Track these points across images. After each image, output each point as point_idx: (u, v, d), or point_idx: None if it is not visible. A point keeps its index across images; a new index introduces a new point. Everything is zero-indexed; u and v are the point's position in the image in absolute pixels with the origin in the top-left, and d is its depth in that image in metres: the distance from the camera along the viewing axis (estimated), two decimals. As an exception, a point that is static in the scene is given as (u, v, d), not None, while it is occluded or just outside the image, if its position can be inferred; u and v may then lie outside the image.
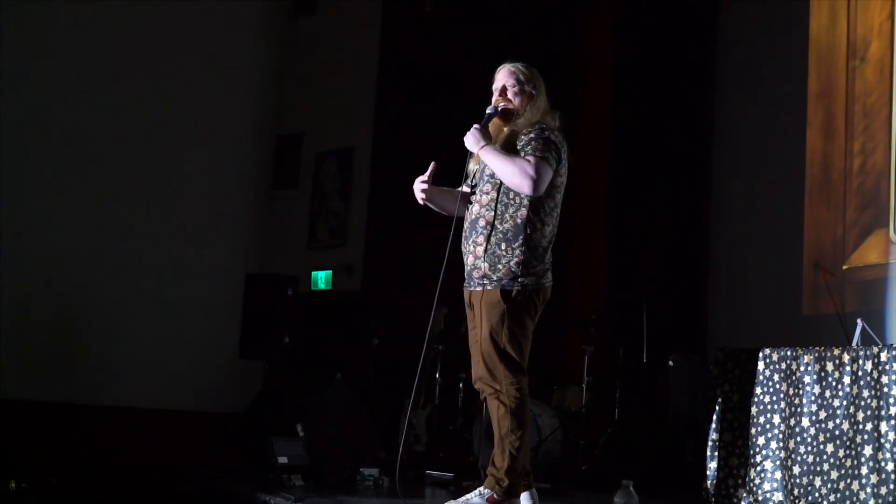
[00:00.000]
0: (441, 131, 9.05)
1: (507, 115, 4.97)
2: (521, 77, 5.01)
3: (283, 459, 6.13)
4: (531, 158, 4.73)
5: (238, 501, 5.64)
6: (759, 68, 8.60)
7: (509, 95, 4.99)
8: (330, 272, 9.85)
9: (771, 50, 8.53)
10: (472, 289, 4.90)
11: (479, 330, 4.85)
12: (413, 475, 6.72)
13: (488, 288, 4.79)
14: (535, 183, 4.71)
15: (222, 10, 10.15)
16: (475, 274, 4.85)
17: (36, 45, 8.94)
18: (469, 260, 4.89)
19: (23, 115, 8.80)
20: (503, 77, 5.04)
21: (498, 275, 4.78)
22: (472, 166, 5.07)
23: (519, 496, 4.83)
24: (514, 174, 4.71)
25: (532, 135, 4.83)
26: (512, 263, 4.77)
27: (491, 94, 5.09)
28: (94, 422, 8.45)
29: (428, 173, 5.03)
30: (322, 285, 9.88)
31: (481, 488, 4.79)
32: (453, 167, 5.12)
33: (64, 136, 9.07)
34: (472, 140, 4.87)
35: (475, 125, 4.90)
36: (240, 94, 10.35)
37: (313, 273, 9.90)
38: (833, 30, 8.03)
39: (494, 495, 4.75)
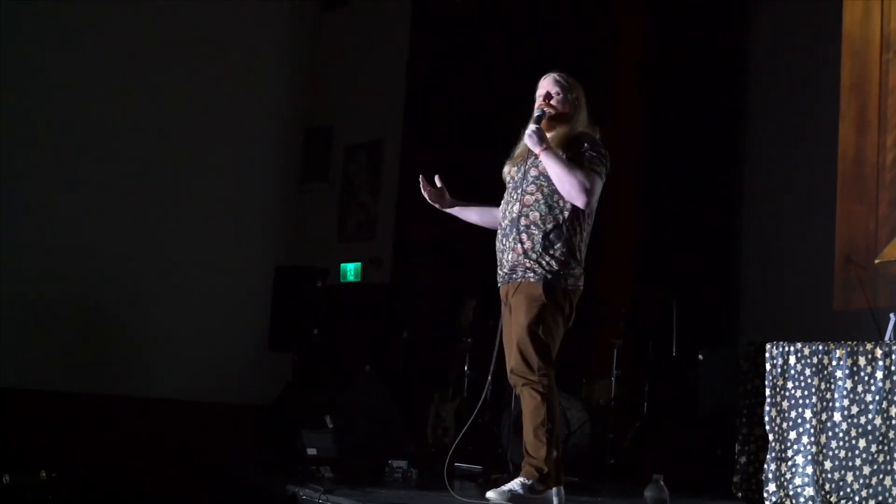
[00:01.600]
0: (470, 125, 9.10)
1: (554, 119, 5.03)
2: (565, 85, 5.09)
3: (311, 451, 6.15)
4: (589, 172, 4.84)
5: (267, 493, 5.66)
6: (791, 61, 8.54)
7: (554, 102, 5.06)
8: (359, 264, 9.86)
9: (804, 43, 8.47)
10: (510, 281, 4.93)
11: (517, 322, 4.88)
12: (441, 467, 6.71)
13: (531, 280, 4.84)
14: (589, 198, 4.84)
15: (252, 4, 10.20)
16: (518, 270, 4.89)
17: (70, 42, 9.02)
18: (509, 256, 4.93)
19: (56, 111, 8.88)
20: (547, 84, 5.11)
21: (541, 270, 4.83)
22: (507, 170, 5.13)
23: (557, 484, 4.84)
24: (573, 185, 4.81)
25: (586, 145, 4.92)
26: (553, 263, 4.83)
27: (531, 100, 5.14)
28: (125, 413, 8.50)
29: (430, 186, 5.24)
30: (351, 277, 9.90)
31: (521, 478, 4.81)
32: (480, 159, 5.13)
33: (96, 131, 9.14)
34: (533, 140, 4.89)
35: (533, 125, 4.93)
36: (269, 88, 10.39)
37: (342, 265, 9.92)
38: (867, 23, 7.96)
39: (535, 484, 4.77)
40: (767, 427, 5.53)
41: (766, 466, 5.50)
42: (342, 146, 10.38)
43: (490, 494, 4.84)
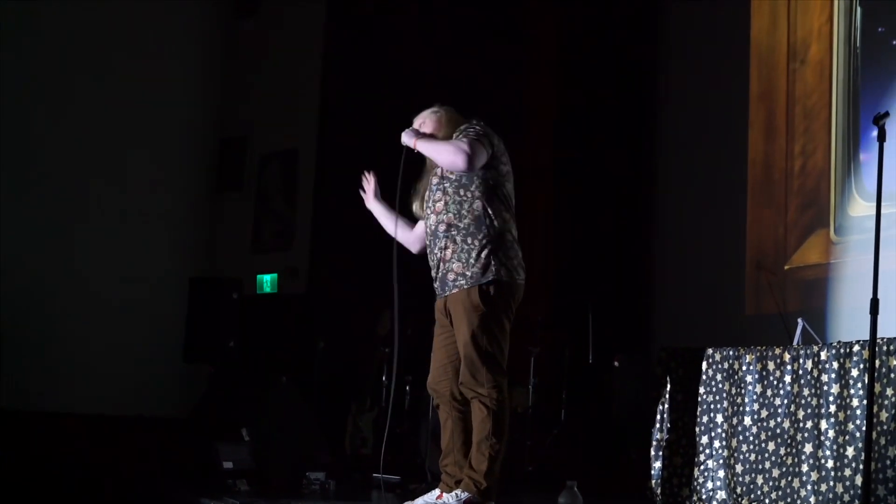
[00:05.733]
0: (385, 133, 9.08)
1: (428, 136, 5.06)
2: (425, 113, 5.15)
3: (228, 464, 6.09)
4: (464, 139, 4.84)
5: (182, 507, 5.60)
6: (700, 70, 8.68)
7: (424, 129, 5.08)
8: (275, 275, 9.79)
9: (713, 52, 8.61)
10: (447, 293, 4.90)
11: (460, 334, 4.85)
12: (359, 478, 6.70)
13: (465, 287, 4.81)
14: (470, 158, 4.78)
15: (163, 12, 10.07)
16: (449, 277, 4.86)
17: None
18: (440, 266, 4.91)
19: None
20: (415, 123, 5.16)
21: (472, 270, 4.80)
22: (416, 206, 5.17)
23: (494, 499, 4.84)
24: (449, 152, 4.81)
25: (463, 129, 4.94)
26: (483, 255, 4.79)
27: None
28: (36, 428, 8.34)
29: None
30: (267, 288, 9.83)
31: (458, 491, 4.80)
32: (396, 169, 5.13)
33: (4, 140, 8.97)
34: (406, 136, 4.99)
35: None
36: (182, 97, 10.27)
37: (259, 276, 9.84)
38: (774, 32, 8.12)
39: (471, 497, 4.76)
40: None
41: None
42: (256, 155, 10.30)
43: None
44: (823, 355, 5.00)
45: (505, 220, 4.90)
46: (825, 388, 4.95)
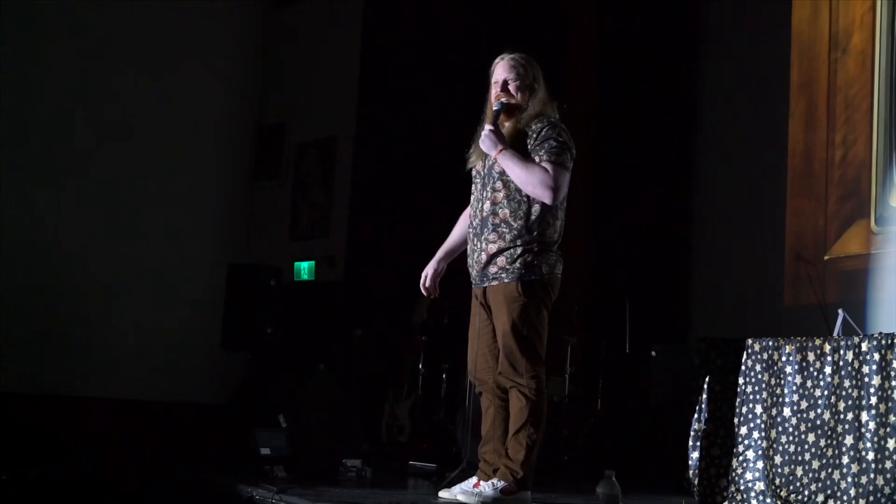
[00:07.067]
0: (424, 121, 9.10)
1: (510, 109, 4.95)
2: (521, 70, 4.99)
3: (265, 451, 6.11)
4: (549, 167, 4.75)
5: (220, 493, 5.62)
6: (741, 60, 8.61)
7: (511, 90, 4.96)
8: (313, 262, 9.82)
9: (753, 41, 8.54)
10: (486, 284, 4.90)
11: (499, 324, 4.85)
12: (396, 466, 6.71)
13: (506, 281, 4.81)
14: (555, 193, 4.76)
15: (204, 1, 10.12)
16: (490, 270, 4.85)
17: (19, 41, 8.90)
18: (482, 257, 4.88)
19: (7, 110, 8.76)
20: (503, 71, 5.01)
21: (514, 266, 4.79)
22: (472, 160, 5.06)
23: (530, 489, 4.84)
24: (535, 185, 4.74)
25: (543, 133, 4.83)
26: (528, 256, 4.79)
27: (484, 87, 5.07)
28: (76, 413, 8.42)
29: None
30: (305, 276, 9.86)
31: (494, 480, 4.81)
32: (433, 157, 5.12)
33: (46, 129, 9.05)
34: (489, 144, 4.83)
35: (488, 126, 4.86)
36: (222, 85, 10.33)
37: (296, 263, 9.88)
38: (815, 21, 8.04)
39: (508, 486, 4.77)
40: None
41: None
42: (295, 143, 10.34)
43: (460, 496, 4.83)
44: (864, 346, 4.95)
45: (556, 227, 4.91)
46: (866, 379, 4.90)
